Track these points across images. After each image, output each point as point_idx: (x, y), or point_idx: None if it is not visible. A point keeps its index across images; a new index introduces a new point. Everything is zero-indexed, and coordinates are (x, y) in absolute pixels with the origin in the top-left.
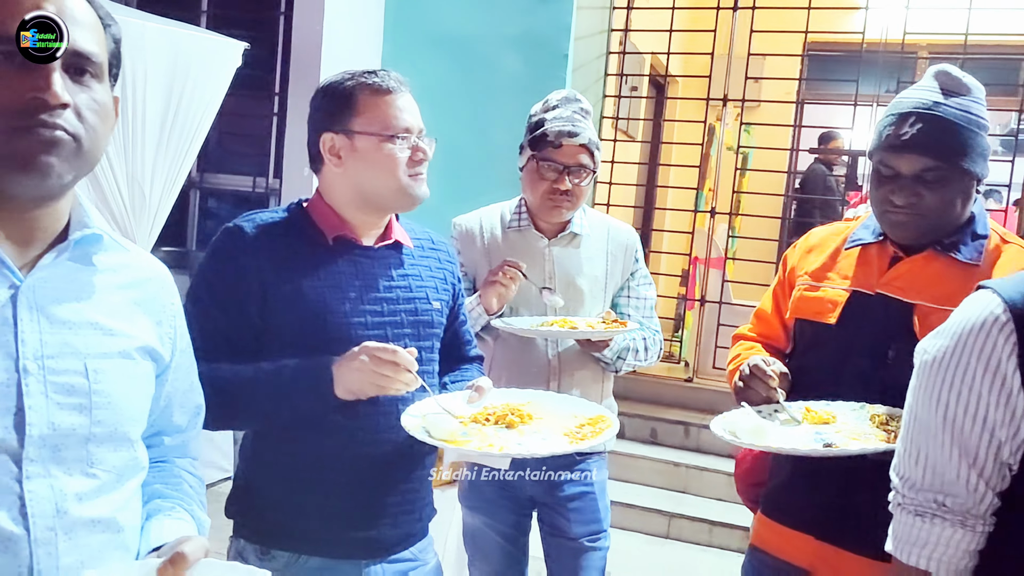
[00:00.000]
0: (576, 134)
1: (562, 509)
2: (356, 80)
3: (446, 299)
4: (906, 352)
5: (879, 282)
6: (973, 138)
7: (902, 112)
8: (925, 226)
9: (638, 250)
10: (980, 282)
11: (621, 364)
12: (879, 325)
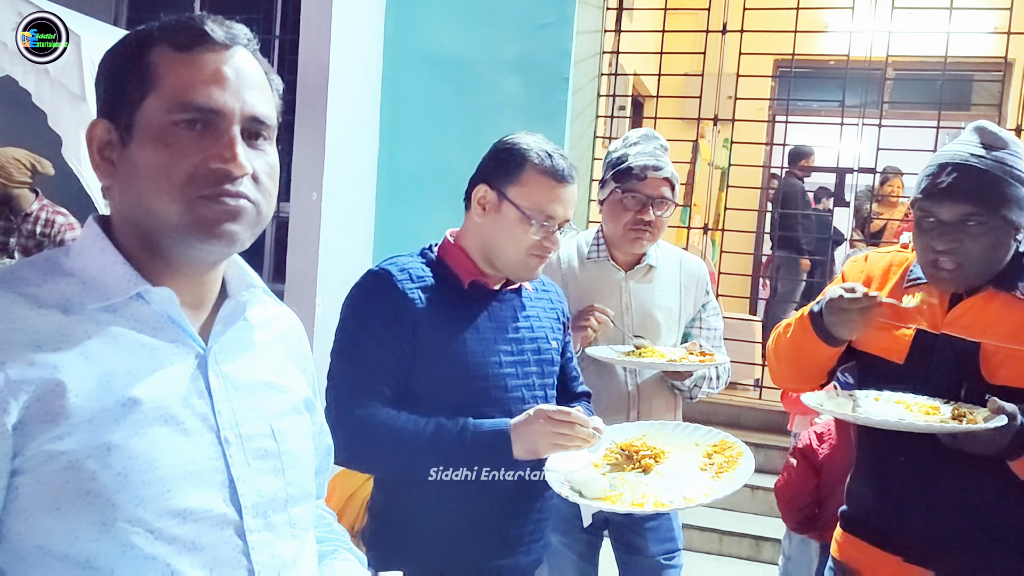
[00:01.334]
0: (660, 168)
1: (639, 528)
2: (534, 151)
3: (560, 337)
4: (977, 392)
5: (943, 322)
6: (1010, 188)
7: (940, 163)
8: (966, 273)
9: (708, 281)
10: None
11: (697, 392)
12: (949, 365)
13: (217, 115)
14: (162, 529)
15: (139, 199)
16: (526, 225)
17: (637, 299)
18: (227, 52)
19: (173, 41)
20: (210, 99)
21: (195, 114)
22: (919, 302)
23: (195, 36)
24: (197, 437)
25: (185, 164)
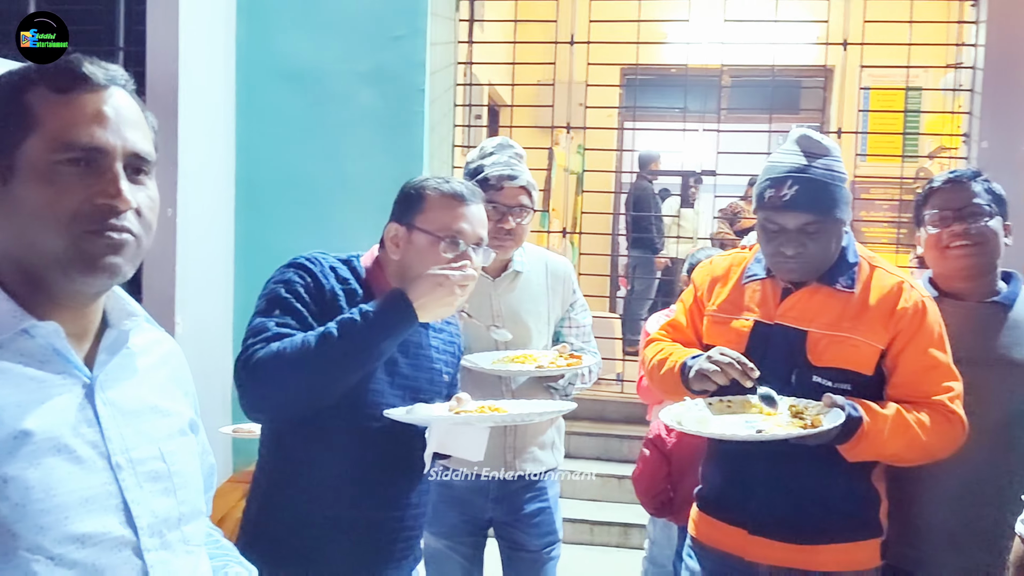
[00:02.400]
0: (516, 176)
1: (522, 526)
2: (433, 186)
3: (452, 372)
4: (806, 375)
5: (776, 313)
6: (838, 191)
7: (779, 176)
8: (810, 269)
9: (574, 280)
10: None
11: (571, 390)
12: (782, 351)
13: (100, 153)
14: (63, 555)
15: (22, 235)
16: (435, 246)
17: (507, 305)
18: (105, 92)
19: (52, 84)
20: (93, 138)
21: (79, 153)
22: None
23: (74, 78)
24: (90, 464)
25: (70, 201)
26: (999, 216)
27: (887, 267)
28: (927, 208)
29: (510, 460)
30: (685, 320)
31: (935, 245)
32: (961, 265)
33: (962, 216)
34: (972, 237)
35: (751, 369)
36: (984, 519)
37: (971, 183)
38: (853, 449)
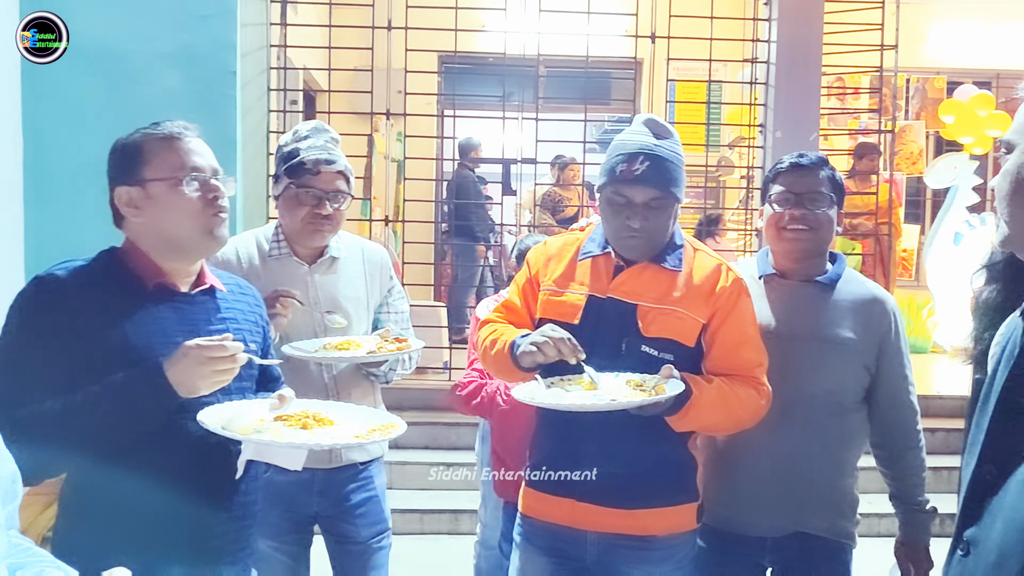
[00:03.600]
0: (333, 161)
1: (349, 517)
2: (142, 133)
3: (259, 340)
4: (635, 345)
5: (609, 288)
6: (680, 172)
7: (631, 152)
8: (650, 244)
9: (391, 267)
10: None
11: (392, 376)
12: (613, 323)
13: None
14: None
15: None
16: (177, 188)
17: (324, 292)
18: None
19: None
20: None
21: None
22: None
23: None
24: None
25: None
26: (836, 205)
27: (707, 250)
28: (773, 186)
29: (335, 451)
30: (519, 301)
31: (775, 224)
32: (795, 247)
33: (802, 201)
34: (809, 222)
35: (577, 348)
36: (799, 483)
37: (817, 169)
38: (682, 420)
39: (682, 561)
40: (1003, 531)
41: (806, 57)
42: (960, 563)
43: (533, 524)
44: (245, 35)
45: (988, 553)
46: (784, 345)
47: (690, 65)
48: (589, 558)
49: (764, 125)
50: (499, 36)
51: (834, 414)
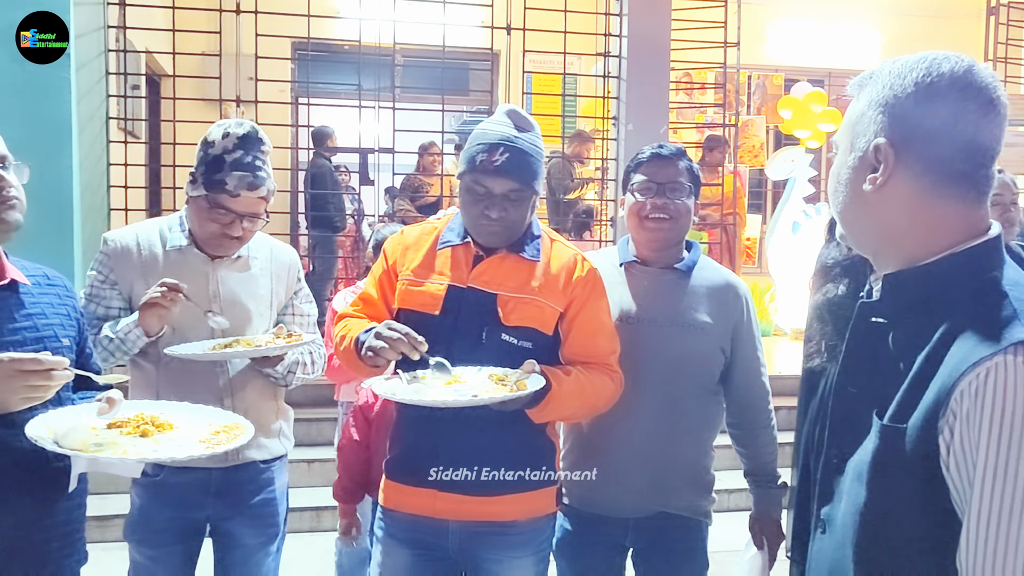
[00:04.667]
0: (257, 186)
1: (244, 519)
2: None
3: (73, 335)
4: (495, 334)
5: (469, 277)
6: (539, 165)
7: (492, 143)
8: (508, 235)
9: (300, 269)
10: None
11: (292, 378)
12: (474, 313)
13: None
14: None
15: None
16: None
17: (226, 287)
18: None
19: None
20: None
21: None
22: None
23: None
24: None
25: None
26: (694, 195)
27: (563, 240)
28: (635, 176)
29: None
30: (376, 292)
31: (636, 213)
32: (656, 236)
33: (664, 191)
34: (670, 211)
35: (420, 342)
36: (661, 464)
37: (677, 160)
38: (541, 412)
39: (542, 544)
40: (844, 512)
41: (655, 52)
42: (819, 540)
43: (394, 517)
44: (79, 13)
45: (836, 532)
46: (645, 330)
47: (546, 57)
48: (451, 547)
49: (617, 118)
50: (354, 23)
51: (694, 396)
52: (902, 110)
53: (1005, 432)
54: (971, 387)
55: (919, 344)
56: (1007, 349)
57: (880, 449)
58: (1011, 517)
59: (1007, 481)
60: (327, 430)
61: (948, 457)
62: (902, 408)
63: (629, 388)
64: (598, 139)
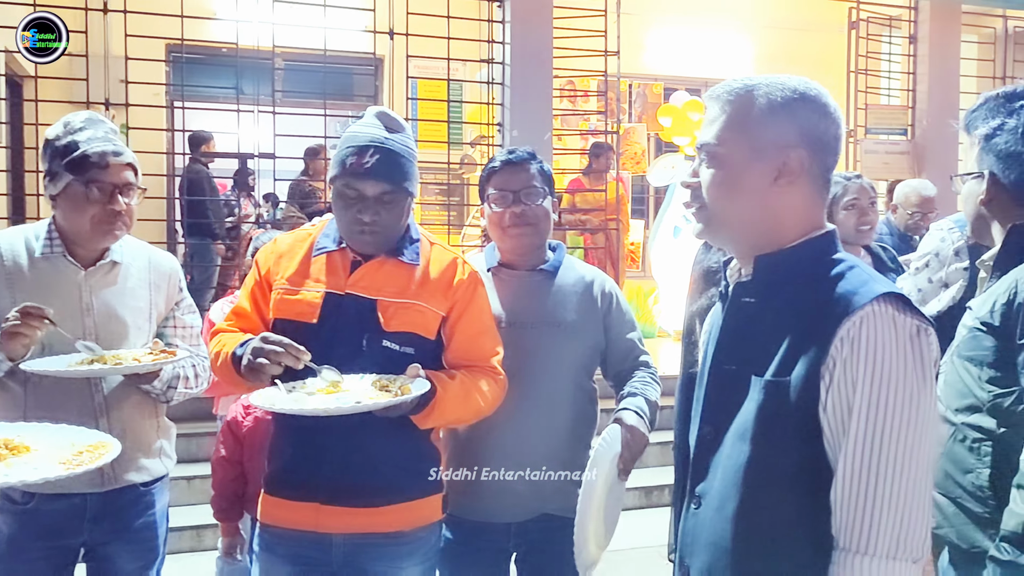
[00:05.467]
0: (120, 152)
1: (122, 544)
2: None
3: None
4: (376, 340)
5: (347, 284)
6: (412, 166)
7: (361, 145)
8: (383, 239)
9: (181, 277)
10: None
11: (173, 394)
12: (353, 320)
13: None
14: None
15: None
16: None
17: (100, 299)
18: None
19: None
20: None
21: None
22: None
23: None
24: None
25: None
26: (550, 196)
27: (442, 244)
28: (489, 187)
29: (109, 472)
30: (249, 305)
31: (497, 223)
32: (519, 243)
33: (519, 198)
34: (528, 218)
35: (300, 351)
36: (541, 466)
37: (528, 165)
38: (427, 418)
39: (429, 553)
40: (722, 479)
41: (538, 59)
42: (693, 516)
43: (273, 532)
44: None
45: (712, 501)
46: (516, 332)
47: (431, 63)
48: (335, 561)
49: (502, 124)
50: (231, 26)
51: (569, 394)
52: (811, 123)
53: (878, 370)
54: (848, 334)
55: (792, 312)
56: (874, 300)
57: (764, 403)
58: (883, 447)
59: (879, 414)
60: (207, 445)
61: (827, 400)
62: (784, 364)
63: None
64: (484, 145)
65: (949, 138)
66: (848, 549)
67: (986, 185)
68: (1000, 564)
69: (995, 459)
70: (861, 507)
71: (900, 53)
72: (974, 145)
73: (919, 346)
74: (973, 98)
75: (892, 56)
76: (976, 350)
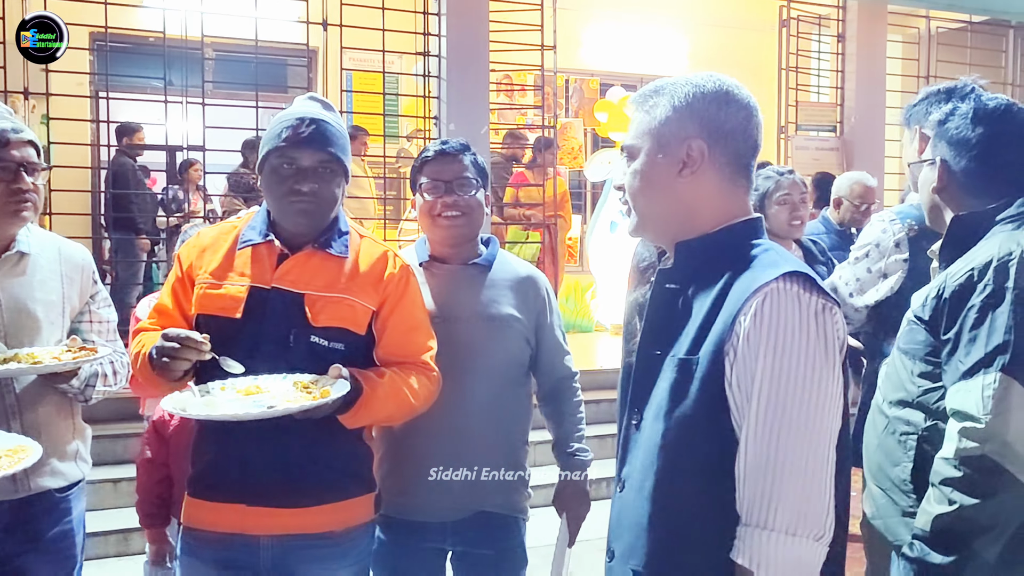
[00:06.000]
0: (20, 129)
1: (38, 555)
2: None
3: None
4: (304, 336)
5: (273, 277)
6: (346, 143)
7: (298, 117)
8: (320, 214)
9: (94, 269)
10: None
11: (91, 392)
12: (280, 315)
13: None
14: None
15: None
16: None
17: (7, 292)
18: None
19: None
20: None
21: None
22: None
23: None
24: None
25: None
26: (483, 188)
27: (373, 237)
28: (421, 176)
29: (22, 478)
30: (171, 302)
31: (428, 213)
32: (450, 234)
33: (452, 188)
34: (461, 208)
35: (199, 342)
36: (476, 463)
37: (461, 156)
38: (354, 417)
39: (362, 553)
40: (642, 461)
41: (474, 52)
42: (618, 500)
43: (198, 535)
44: None
45: (633, 483)
46: (449, 327)
47: (366, 55)
48: (263, 564)
49: (439, 117)
50: (158, 14)
51: (503, 390)
52: (709, 115)
53: (780, 344)
54: (752, 309)
55: (707, 294)
56: (780, 278)
57: (675, 382)
58: (783, 420)
59: (780, 387)
60: (134, 446)
61: (731, 375)
62: (695, 343)
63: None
64: (420, 139)
65: (876, 135)
66: (750, 524)
67: (938, 173)
68: (909, 561)
69: (919, 454)
70: (762, 480)
71: (829, 51)
72: (914, 139)
73: (823, 323)
74: (899, 96)
75: (822, 54)
76: (911, 343)
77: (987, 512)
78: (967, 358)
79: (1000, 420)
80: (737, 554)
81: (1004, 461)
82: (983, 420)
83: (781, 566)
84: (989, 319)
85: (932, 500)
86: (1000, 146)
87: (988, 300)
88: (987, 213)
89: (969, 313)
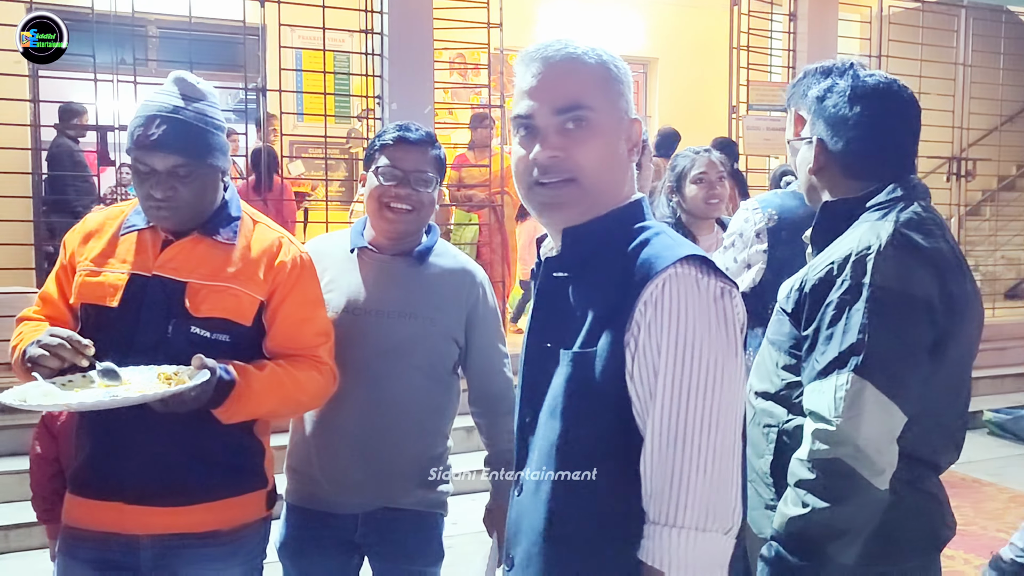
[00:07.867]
0: None
1: None
2: None
3: None
4: (184, 326)
5: (155, 264)
6: (212, 137)
7: (149, 115)
8: (182, 216)
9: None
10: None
11: None
12: (160, 304)
13: None
14: None
15: None
16: None
17: None
18: None
19: None
20: None
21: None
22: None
23: None
24: None
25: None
26: (438, 185)
27: (269, 223)
28: (381, 157)
29: None
30: (55, 290)
31: (378, 198)
32: (395, 228)
33: (408, 180)
34: (413, 202)
35: (84, 346)
36: (388, 460)
37: (427, 148)
38: (228, 411)
39: (251, 553)
40: (537, 461)
41: (417, 30)
42: (516, 503)
43: (76, 534)
44: None
45: (530, 485)
46: (372, 321)
47: (312, 33)
48: (144, 565)
49: (382, 97)
50: None
51: (420, 387)
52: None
53: (682, 332)
54: (652, 297)
55: (599, 282)
56: (677, 263)
57: (572, 376)
58: (689, 410)
59: (684, 376)
60: (25, 437)
61: (633, 367)
62: (591, 335)
63: (350, 380)
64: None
65: None
66: (657, 522)
67: (814, 153)
68: (766, 562)
69: (778, 448)
70: (668, 475)
71: (781, 31)
72: (794, 120)
73: (723, 307)
74: None
75: (774, 33)
76: (778, 335)
77: (839, 517)
78: (822, 357)
79: (852, 423)
80: (645, 554)
81: (857, 465)
82: (835, 423)
83: (692, 563)
84: (845, 317)
85: (788, 501)
86: (878, 125)
87: (845, 296)
88: (858, 200)
89: (827, 310)
